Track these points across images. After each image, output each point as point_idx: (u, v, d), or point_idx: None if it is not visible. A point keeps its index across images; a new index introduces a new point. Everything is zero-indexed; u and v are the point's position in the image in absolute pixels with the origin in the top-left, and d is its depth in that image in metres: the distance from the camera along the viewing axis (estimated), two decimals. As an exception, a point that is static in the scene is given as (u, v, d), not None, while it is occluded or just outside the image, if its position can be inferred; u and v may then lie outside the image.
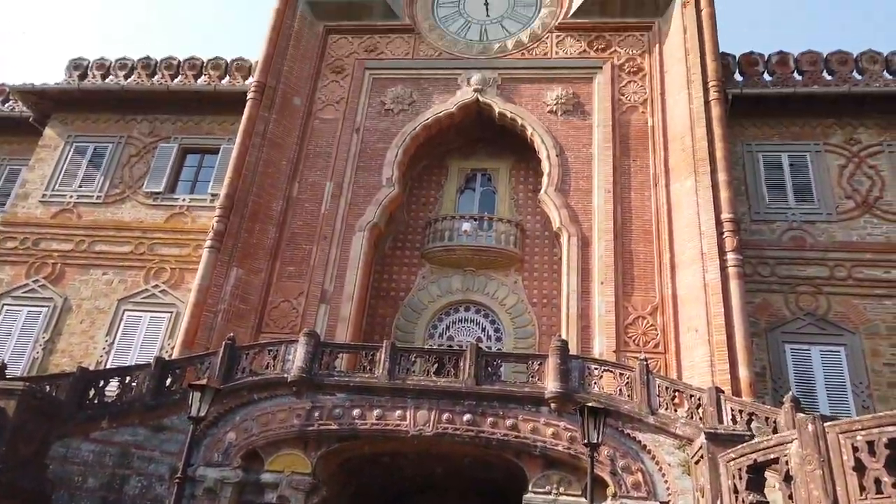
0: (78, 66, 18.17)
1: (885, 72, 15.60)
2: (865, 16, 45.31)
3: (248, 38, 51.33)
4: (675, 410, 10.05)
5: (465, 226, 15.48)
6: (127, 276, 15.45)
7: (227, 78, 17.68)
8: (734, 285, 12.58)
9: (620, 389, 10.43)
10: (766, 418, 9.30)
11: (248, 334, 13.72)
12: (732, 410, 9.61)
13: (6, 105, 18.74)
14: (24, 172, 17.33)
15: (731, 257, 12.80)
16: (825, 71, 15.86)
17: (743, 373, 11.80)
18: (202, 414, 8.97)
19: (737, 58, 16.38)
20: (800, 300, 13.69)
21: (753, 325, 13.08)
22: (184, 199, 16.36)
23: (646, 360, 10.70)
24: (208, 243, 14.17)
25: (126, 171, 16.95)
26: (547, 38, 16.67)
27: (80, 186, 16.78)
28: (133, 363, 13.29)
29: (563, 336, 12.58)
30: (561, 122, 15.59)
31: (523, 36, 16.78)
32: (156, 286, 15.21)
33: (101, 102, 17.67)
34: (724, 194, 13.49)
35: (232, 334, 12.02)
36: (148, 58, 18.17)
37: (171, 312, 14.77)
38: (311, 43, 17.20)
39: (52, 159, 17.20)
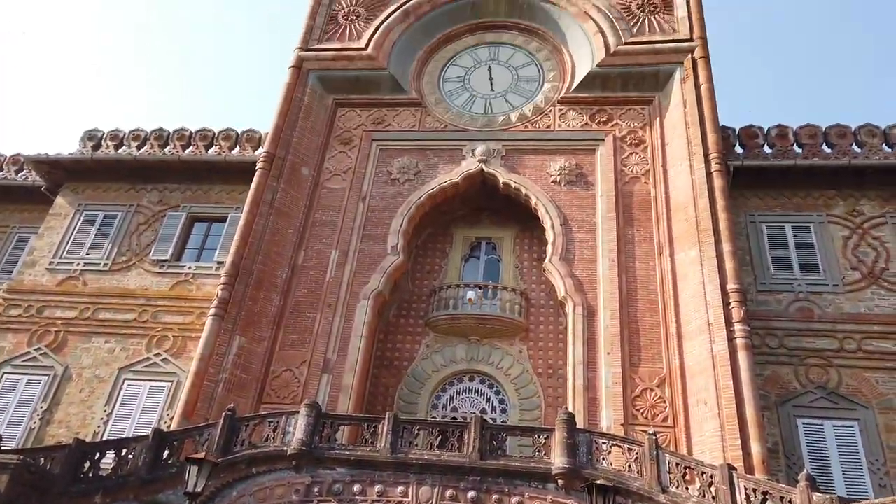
0: (92, 137, 18.64)
1: (884, 144, 15.83)
2: (860, 90, 46.44)
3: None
4: (687, 488, 9.71)
5: (470, 294, 15.46)
6: (129, 345, 15.35)
7: (238, 148, 18.07)
8: (742, 357, 12.38)
9: (629, 465, 10.12)
10: (782, 498, 8.96)
11: (248, 404, 13.50)
12: (746, 489, 9.28)
13: (20, 174, 19.14)
14: (33, 240, 17.52)
15: (738, 328, 12.65)
16: (824, 144, 16.11)
17: (755, 449, 11.45)
18: (199, 489, 8.74)
19: (737, 131, 16.69)
20: (810, 373, 13.44)
21: (764, 398, 12.81)
22: (189, 267, 16.43)
23: (655, 434, 10.42)
24: (212, 311, 14.13)
25: (134, 238, 17.11)
26: (550, 111, 17.06)
27: (88, 254, 16.91)
28: (131, 434, 13.09)
29: (570, 408, 12.34)
30: (565, 192, 15.76)
31: (527, 109, 17.19)
32: (157, 354, 15.09)
33: (112, 172, 18.02)
34: (729, 265, 13.45)
35: (232, 405, 11.81)
36: (161, 129, 18.66)
37: (172, 381, 14.59)
38: (321, 115, 17.64)
39: (62, 227, 17.42)
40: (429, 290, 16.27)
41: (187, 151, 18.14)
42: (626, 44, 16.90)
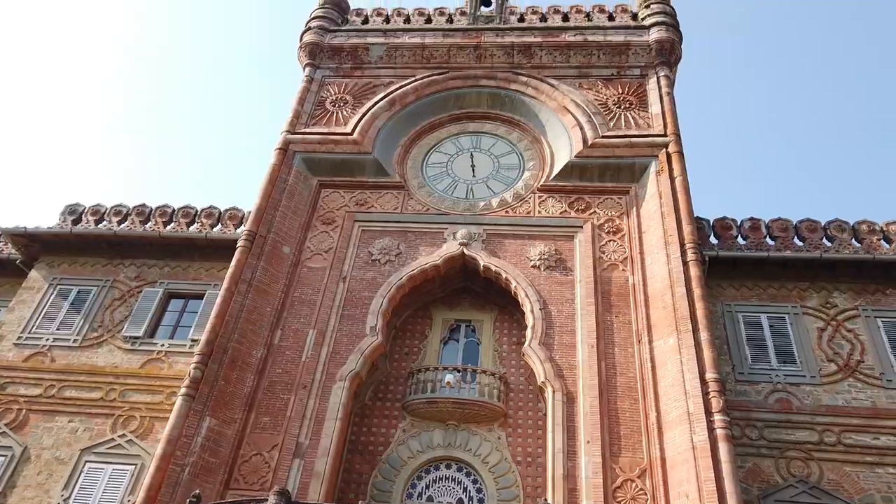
0: (73, 212, 18.54)
1: (853, 239, 16.32)
2: (824, 185, 48.34)
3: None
4: (670, 588, 9.34)
5: (449, 377, 15.22)
6: (93, 424, 14.75)
7: (220, 226, 18.07)
8: (723, 448, 12.17)
9: (610, 562, 9.75)
10: None
11: (214, 491, 12.89)
12: (731, 589, 8.95)
13: (-5, 247, 18.88)
14: (3, 314, 17.09)
15: (718, 418, 12.50)
16: (796, 237, 16.57)
17: (739, 546, 11.12)
18: (156, 584, 8.20)
19: (711, 222, 17.13)
20: (791, 466, 13.25)
21: (745, 491, 12.57)
22: (162, 345, 16.06)
23: (636, 529, 10.12)
24: (182, 391, 13.69)
25: (107, 314, 16.77)
26: (530, 198, 17.45)
27: (58, 329, 16.49)
28: (87, 521, 12.38)
29: (549, 500, 12.00)
30: (544, 276, 15.89)
31: (507, 195, 17.57)
32: (122, 436, 14.49)
33: (90, 246, 17.85)
34: (707, 353, 13.45)
35: (198, 491, 11.27)
36: (143, 205, 18.61)
37: (136, 465, 13.96)
38: (304, 195, 17.84)
39: (34, 301, 17.06)
40: (406, 372, 16.03)
41: (168, 227, 18.10)
42: (604, 137, 17.55)
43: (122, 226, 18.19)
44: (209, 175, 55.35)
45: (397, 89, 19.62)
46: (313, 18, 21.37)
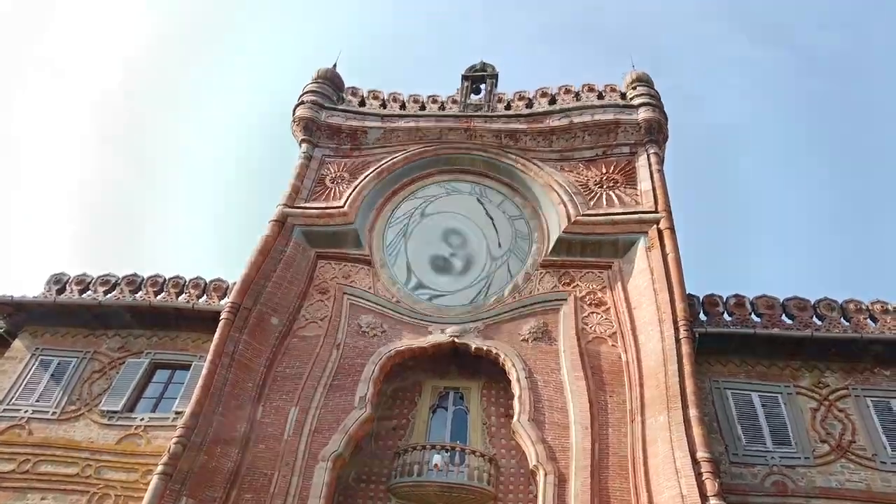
0: (58, 281, 18.30)
1: (842, 318, 16.29)
2: (803, 264, 48.62)
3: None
4: None
5: (436, 458, 14.65)
6: (66, 503, 14.13)
7: (205, 297, 17.80)
8: (721, 537, 11.79)
9: None
10: None
11: (189, 578, 12.28)
12: None
13: (-21, 316, 18.53)
14: (-17, 386, 16.65)
15: (714, 503, 12.15)
16: (784, 315, 16.51)
17: None
18: None
19: (700, 298, 17.11)
20: (791, 555, 12.79)
21: (744, 583, 12.05)
22: (142, 419, 15.57)
23: None
24: (160, 468, 13.20)
25: (86, 387, 16.34)
26: (535, 276, 17.59)
27: (38, 401, 16.02)
28: None
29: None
30: (531, 347, 15.95)
31: (519, 278, 17.57)
32: (94, 517, 13.88)
33: (74, 316, 17.53)
34: (696, 430, 13.21)
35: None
36: (135, 274, 18.36)
37: (107, 549, 13.31)
38: (302, 266, 17.91)
39: (15, 372, 16.65)
40: (392, 451, 15.41)
41: (159, 298, 17.85)
42: (584, 215, 17.81)
43: (109, 295, 17.94)
44: (201, 247, 55.33)
45: (388, 161, 20.03)
46: (306, 93, 21.85)
